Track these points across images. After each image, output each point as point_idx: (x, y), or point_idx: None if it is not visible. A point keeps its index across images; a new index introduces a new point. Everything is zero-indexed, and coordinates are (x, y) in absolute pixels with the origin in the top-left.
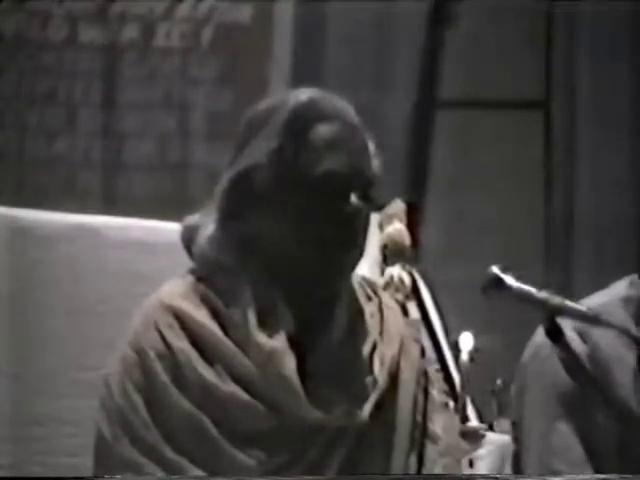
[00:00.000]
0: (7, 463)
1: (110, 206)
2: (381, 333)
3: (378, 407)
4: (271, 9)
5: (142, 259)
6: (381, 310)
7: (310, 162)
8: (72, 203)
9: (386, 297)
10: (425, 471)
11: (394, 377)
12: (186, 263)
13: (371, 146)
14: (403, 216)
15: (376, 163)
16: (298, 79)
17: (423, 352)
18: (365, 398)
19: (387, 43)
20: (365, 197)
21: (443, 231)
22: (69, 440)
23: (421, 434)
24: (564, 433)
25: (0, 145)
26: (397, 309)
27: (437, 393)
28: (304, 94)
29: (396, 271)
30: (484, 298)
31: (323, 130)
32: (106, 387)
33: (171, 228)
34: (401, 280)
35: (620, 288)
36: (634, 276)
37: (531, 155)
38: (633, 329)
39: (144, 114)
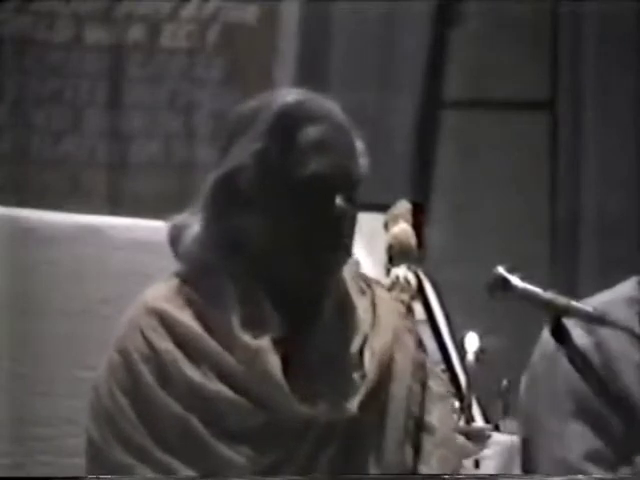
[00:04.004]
0: (7, 463)
1: (115, 206)
2: (373, 326)
3: (371, 399)
4: (277, 9)
5: (146, 259)
6: (374, 303)
7: (296, 164)
8: (78, 203)
9: (380, 290)
10: (421, 462)
11: (387, 368)
12: None
13: (359, 145)
14: (409, 216)
15: (364, 162)
16: (304, 79)
17: (420, 343)
18: (354, 392)
19: (392, 43)
20: (351, 199)
21: (448, 231)
22: (70, 440)
23: (416, 425)
24: (576, 430)
25: (6, 145)
26: (390, 301)
27: (435, 385)
28: (290, 95)
29: (402, 271)
30: (490, 298)
31: (309, 131)
32: (94, 390)
33: None
34: (407, 280)
35: (626, 288)
36: None
37: (537, 155)
38: (638, 328)
39: (150, 114)
